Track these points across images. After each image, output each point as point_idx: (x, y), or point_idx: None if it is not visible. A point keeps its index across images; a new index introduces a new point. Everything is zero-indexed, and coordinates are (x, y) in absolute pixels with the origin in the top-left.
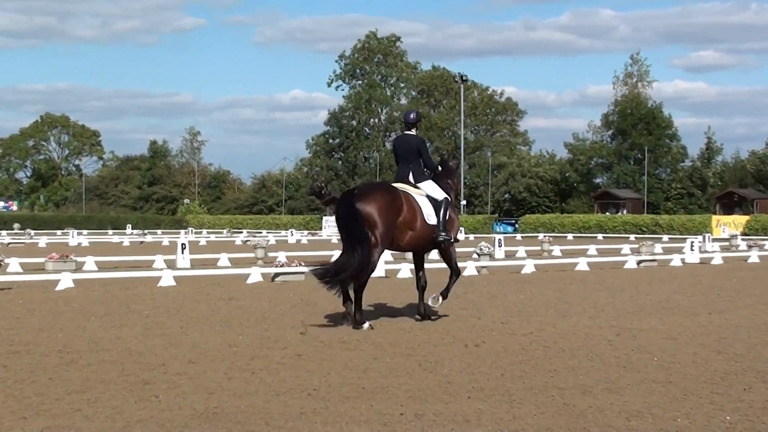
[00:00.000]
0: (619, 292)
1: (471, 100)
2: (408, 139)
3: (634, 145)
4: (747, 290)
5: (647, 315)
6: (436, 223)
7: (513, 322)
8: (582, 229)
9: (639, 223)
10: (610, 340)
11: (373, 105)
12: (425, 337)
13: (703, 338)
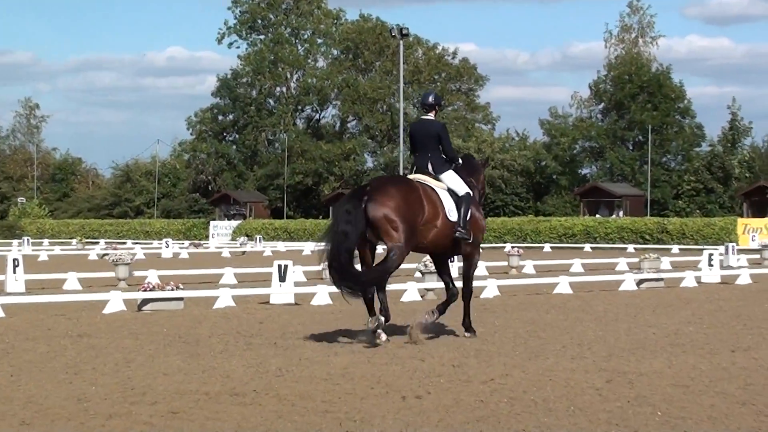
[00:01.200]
0: (613, 322)
1: (413, 61)
2: (426, 124)
3: (633, 124)
4: None
5: (649, 354)
6: (457, 219)
7: (468, 365)
8: (564, 237)
9: (640, 229)
10: (598, 388)
11: (280, 68)
12: (349, 386)
13: (724, 385)
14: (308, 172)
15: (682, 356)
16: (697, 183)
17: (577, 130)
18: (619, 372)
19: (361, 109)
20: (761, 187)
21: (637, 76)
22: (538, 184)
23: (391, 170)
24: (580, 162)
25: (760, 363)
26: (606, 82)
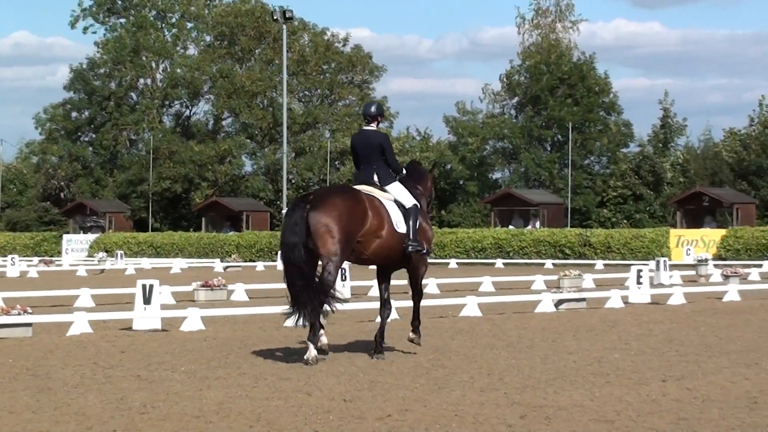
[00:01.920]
0: (528, 349)
1: (298, 49)
2: (368, 135)
3: (551, 122)
4: (721, 344)
5: (569, 384)
6: (406, 231)
7: (362, 399)
8: (472, 251)
9: (559, 242)
10: (511, 424)
11: (143, 57)
12: (224, 424)
13: (654, 419)
14: (177, 178)
15: (606, 387)
16: (625, 189)
17: (488, 129)
18: (535, 406)
19: (238, 104)
20: (697, 194)
21: (556, 67)
22: (442, 191)
23: (273, 174)
24: (491, 165)
25: (694, 394)
26: (520, 73)
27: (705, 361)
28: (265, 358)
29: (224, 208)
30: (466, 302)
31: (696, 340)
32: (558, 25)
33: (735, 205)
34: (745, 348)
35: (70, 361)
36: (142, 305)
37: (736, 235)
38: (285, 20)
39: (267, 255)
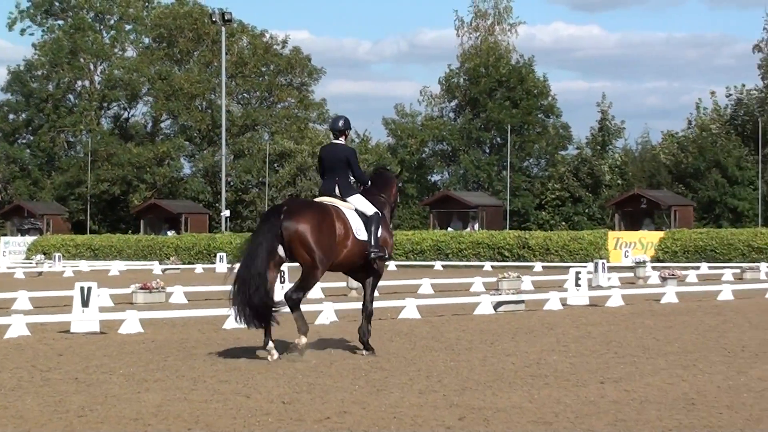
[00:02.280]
0: (467, 351)
1: (237, 51)
2: (336, 149)
3: (490, 124)
4: (659, 346)
5: (508, 386)
6: (368, 238)
7: (300, 401)
8: (411, 253)
9: (498, 244)
10: (450, 426)
11: (81, 59)
12: (163, 426)
13: (592, 421)
14: (115, 180)
15: (544, 389)
16: (563, 191)
17: (427, 131)
18: (474, 408)
19: (176, 106)
20: (635, 196)
21: (494, 69)
22: None
23: (211, 176)
24: (429, 167)
25: (632, 396)
26: (459, 75)
27: (643, 362)
28: (204, 361)
29: (163, 211)
30: (405, 304)
31: (634, 342)
32: (497, 27)
33: (673, 208)
34: (682, 349)
35: (7, 364)
36: (80, 308)
37: (674, 237)
38: (224, 22)
39: (206, 257)
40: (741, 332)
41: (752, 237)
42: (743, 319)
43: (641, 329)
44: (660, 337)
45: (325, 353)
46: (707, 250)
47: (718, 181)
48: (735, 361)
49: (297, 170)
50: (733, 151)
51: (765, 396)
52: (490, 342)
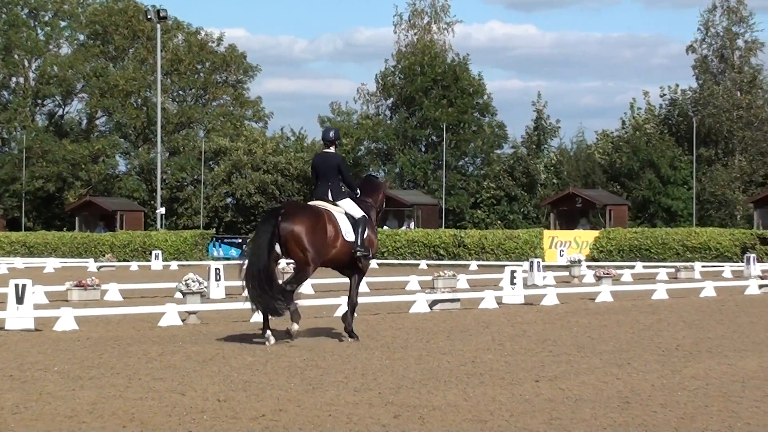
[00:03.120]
0: (402, 349)
1: (172, 48)
2: (328, 157)
3: (425, 122)
4: (594, 345)
5: (443, 385)
6: (355, 239)
7: (236, 399)
8: None
9: (434, 243)
10: (385, 424)
11: (15, 55)
12: (98, 424)
13: (527, 419)
14: (50, 177)
15: (479, 387)
16: (498, 190)
17: (362, 129)
18: (409, 406)
19: (112, 103)
20: (570, 195)
21: (430, 68)
22: None
23: (147, 174)
24: (365, 165)
25: (566, 394)
26: (395, 74)
27: (577, 361)
28: (139, 358)
29: (98, 208)
30: (341, 302)
31: (569, 341)
32: (433, 26)
33: (608, 207)
34: (617, 348)
35: None
36: (14, 305)
37: (609, 236)
38: (159, 19)
39: (141, 255)
40: (675, 331)
41: (686, 236)
42: (677, 318)
43: (576, 328)
44: (595, 335)
45: (260, 351)
46: (642, 249)
47: (652, 181)
48: (669, 359)
49: (232, 168)
50: (667, 151)
51: (699, 394)
52: (425, 340)
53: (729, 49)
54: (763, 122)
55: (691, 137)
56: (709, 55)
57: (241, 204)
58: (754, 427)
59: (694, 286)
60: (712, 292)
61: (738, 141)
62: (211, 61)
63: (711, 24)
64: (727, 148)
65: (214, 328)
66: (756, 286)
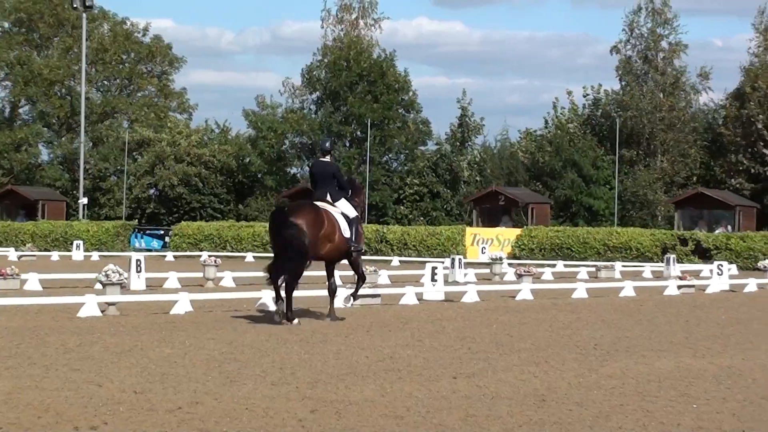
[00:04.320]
0: (321, 344)
1: (98, 38)
2: (325, 165)
3: (350, 118)
4: (513, 342)
5: (361, 380)
6: (350, 236)
7: (152, 391)
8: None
9: None
10: (302, 419)
11: None
12: (12, 415)
13: (443, 416)
14: None
15: (397, 383)
16: (422, 186)
17: (289, 123)
18: (326, 401)
19: (35, 92)
20: (493, 193)
21: (356, 63)
22: (240, 185)
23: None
24: (289, 160)
25: (483, 391)
26: (321, 68)
27: (496, 358)
28: (56, 349)
29: (20, 197)
30: (261, 296)
31: (488, 338)
32: (361, 22)
33: (530, 205)
34: (535, 346)
35: None
36: None
37: (531, 234)
38: (84, 8)
39: (62, 245)
40: (594, 330)
41: (608, 236)
42: (596, 317)
43: (495, 325)
44: (514, 333)
45: (178, 343)
46: (563, 248)
47: (575, 180)
48: (587, 358)
49: (156, 159)
50: (589, 151)
51: (615, 393)
52: (344, 335)
53: (653, 50)
54: (685, 124)
55: (614, 138)
56: (633, 56)
57: (164, 195)
58: (667, 427)
59: (614, 285)
60: (631, 291)
61: (660, 142)
62: (137, 51)
63: (636, 25)
64: (649, 149)
65: (133, 319)
66: (675, 287)
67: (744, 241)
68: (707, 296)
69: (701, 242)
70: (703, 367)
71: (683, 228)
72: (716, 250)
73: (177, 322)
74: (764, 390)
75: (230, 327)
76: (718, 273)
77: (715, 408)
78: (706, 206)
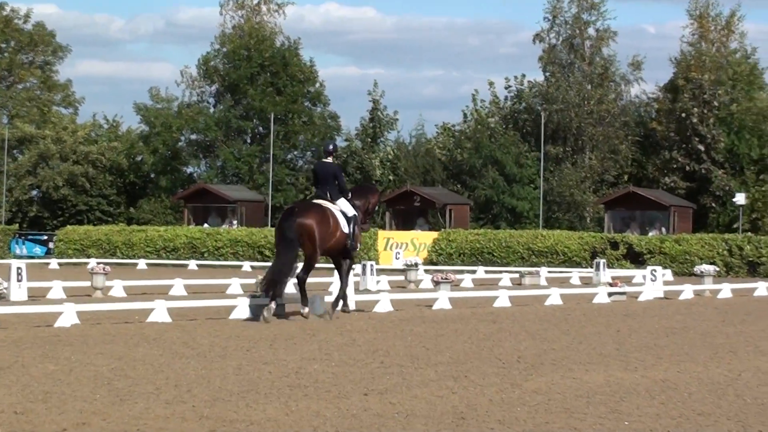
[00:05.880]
0: (220, 359)
1: None
2: (327, 165)
3: (252, 111)
4: (429, 355)
5: (263, 398)
6: (349, 233)
7: (35, 411)
8: (163, 251)
9: (258, 243)
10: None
11: None
12: None
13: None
14: None
15: (303, 400)
16: None
17: (183, 118)
18: (225, 420)
19: None
20: (407, 193)
21: (258, 52)
22: (132, 185)
23: None
24: (185, 158)
25: (397, 408)
26: (219, 57)
27: (411, 373)
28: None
29: None
30: (155, 306)
31: (402, 351)
32: (263, 7)
33: (448, 206)
34: (453, 359)
35: None
36: None
37: (449, 237)
38: None
39: None
40: (517, 342)
41: (532, 239)
42: (520, 327)
43: (410, 337)
44: (430, 345)
45: (63, 359)
46: (484, 252)
47: (496, 179)
48: (509, 372)
49: (39, 158)
50: (512, 148)
51: (540, 410)
52: (246, 349)
53: (579, 38)
54: (615, 118)
55: (538, 133)
56: (558, 44)
57: (47, 198)
58: None
59: (540, 293)
60: (558, 299)
61: (588, 138)
62: (17, 39)
63: (559, 11)
64: (577, 145)
65: (13, 333)
66: (605, 294)
67: (679, 244)
68: (640, 304)
69: (633, 246)
70: (635, 381)
71: (614, 230)
72: (649, 254)
73: (62, 336)
74: (701, 405)
75: (120, 341)
76: (651, 279)
77: (648, 425)
78: (638, 207)
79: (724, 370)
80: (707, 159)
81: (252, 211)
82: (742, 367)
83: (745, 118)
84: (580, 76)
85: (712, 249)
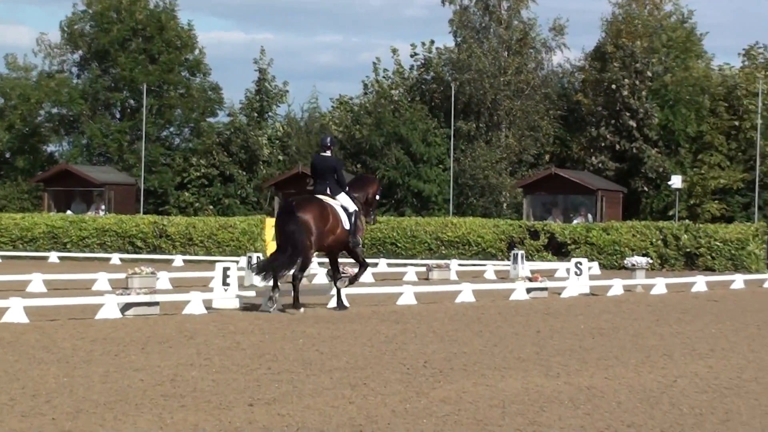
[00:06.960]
0: (84, 364)
1: None
2: (326, 159)
3: (122, 82)
4: (323, 360)
5: (134, 409)
6: (349, 228)
7: None
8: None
9: (130, 232)
10: None
11: None
12: None
13: None
14: None
15: (180, 412)
16: (211, 168)
17: (42, 90)
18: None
19: None
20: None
21: (129, 15)
22: None
23: None
24: (45, 135)
25: (287, 421)
26: (84, 21)
27: (302, 380)
28: None
29: None
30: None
31: (292, 356)
32: None
33: None
34: (351, 365)
35: None
36: None
37: None
38: None
39: None
40: (423, 344)
41: (441, 228)
42: (427, 328)
43: (302, 339)
44: (325, 349)
45: None
46: (387, 242)
47: (401, 159)
48: (415, 379)
49: None
50: (419, 124)
51: (449, 422)
52: (114, 353)
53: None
54: (535, 90)
55: (449, 107)
56: (471, 6)
57: None
58: None
59: (449, 289)
60: (470, 296)
61: (505, 113)
62: None
63: None
64: (492, 121)
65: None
66: (524, 290)
67: (607, 233)
68: (563, 301)
69: (556, 235)
70: (557, 389)
71: (534, 218)
72: (574, 244)
73: None
74: (631, 416)
75: None
76: (576, 273)
77: None
78: (561, 191)
79: (657, 375)
80: (639, 136)
81: (122, 196)
82: (677, 372)
83: (681, 90)
84: (496, 41)
85: (645, 238)
